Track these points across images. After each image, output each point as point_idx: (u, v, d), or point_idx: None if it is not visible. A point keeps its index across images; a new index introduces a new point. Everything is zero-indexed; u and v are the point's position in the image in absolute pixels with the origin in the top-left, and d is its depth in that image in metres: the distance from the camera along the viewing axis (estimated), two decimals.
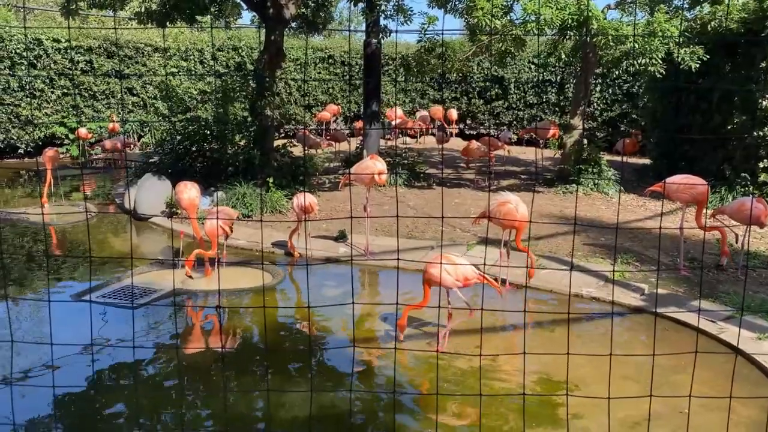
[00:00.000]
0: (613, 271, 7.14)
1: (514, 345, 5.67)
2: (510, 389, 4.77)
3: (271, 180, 10.21)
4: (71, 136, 16.19)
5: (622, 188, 11.26)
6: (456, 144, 16.64)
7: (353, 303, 2.86)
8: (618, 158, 14.05)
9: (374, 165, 7.68)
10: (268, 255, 8.16)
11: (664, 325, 5.98)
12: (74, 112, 16.70)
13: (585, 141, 11.98)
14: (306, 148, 13.11)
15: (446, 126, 17.04)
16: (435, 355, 5.26)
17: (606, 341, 5.71)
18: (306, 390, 4.63)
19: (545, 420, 4.37)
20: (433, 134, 17.39)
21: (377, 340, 5.81)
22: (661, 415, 4.39)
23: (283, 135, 18.04)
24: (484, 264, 4.69)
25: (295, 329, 6.08)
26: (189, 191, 7.40)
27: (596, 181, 11.14)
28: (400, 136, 17.30)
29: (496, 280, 7.00)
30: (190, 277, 6.78)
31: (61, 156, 15.55)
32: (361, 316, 6.39)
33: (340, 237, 8.52)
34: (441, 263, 5.12)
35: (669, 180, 7.22)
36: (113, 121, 15.72)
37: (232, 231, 7.13)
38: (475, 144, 11.94)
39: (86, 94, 16.91)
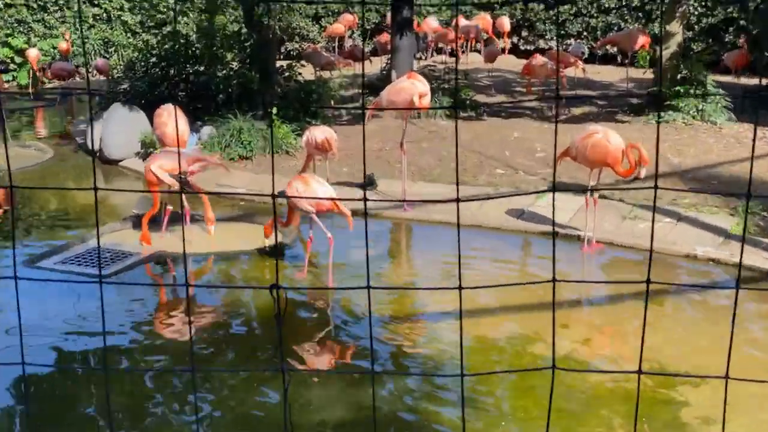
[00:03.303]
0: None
1: (608, 324, 5.29)
2: (613, 384, 4.39)
3: (274, 111, 9.79)
4: (18, 60, 15.82)
5: (732, 115, 10.62)
6: (508, 62, 15.98)
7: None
8: (724, 78, 13.30)
9: (413, 86, 7.19)
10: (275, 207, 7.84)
11: None
12: (20, 29, 16.27)
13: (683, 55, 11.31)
14: (317, 69, 12.59)
15: (496, 40, 16.33)
16: (502, 340, 4.90)
17: (738, 318, 5.28)
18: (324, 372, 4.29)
19: (665, 424, 4.00)
20: (478, 51, 16.70)
21: (420, 315, 5.49)
22: None
23: (284, 56, 17.47)
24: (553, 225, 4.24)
25: (310, 303, 5.76)
26: (174, 122, 6.97)
27: (700, 106, 10.50)
28: (437, 53, 16.69)
29: (580, 238, 6.58)
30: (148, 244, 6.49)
31: (6, 84, 15.25)
32: (394, 284, 6.07)
33: (368, 183, 8.13)
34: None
35: None
36: (66, 39, 15.29)
37: (184, 183, 6.55)
38: (540, 60, 11.32)
39: (34, 5, 16.44)
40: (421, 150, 9.43)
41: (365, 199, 1.36)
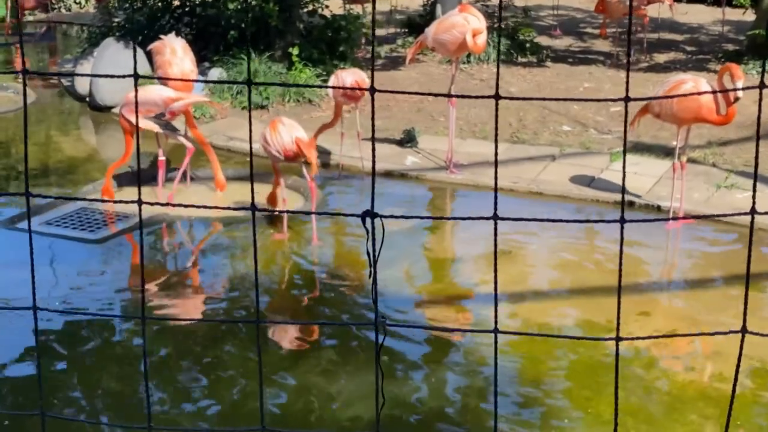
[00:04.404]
0: None
1: (698, 313, 5.20)
2: (705, 385, 4.33)
3: (295, 51, 9.75)
4: None
5: None
6: None
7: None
8: None
9: (465, 21, 7.07)
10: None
11: None
12: None
13: None
14: (347, 2, 12.48)
15: None
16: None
17: None
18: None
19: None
20: None
21: (466, 297, 5.49)
22: None
23: None
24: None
25: (334, 280, 5.77)
26: (180, 60, 6.94)
27: None
28: None
29: (661, 209, 6.48)
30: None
31: None
32: (436, 261, 6.06)
33: (407, 140, 8.10)
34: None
35: None
36: None
37: (165, 126, 6.66)
38: None
39: None
40: (471, 101, 9.32)
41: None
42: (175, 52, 6.99)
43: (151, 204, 1.43)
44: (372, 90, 1.33)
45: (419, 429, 4.13)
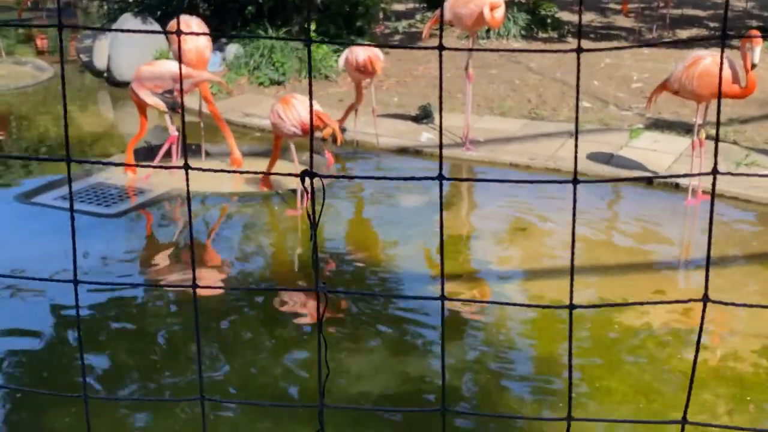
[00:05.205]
0: None
1: (714, 291, 5.11)
2: (719, 364, 4.29)
3: (313, 26, 9.69)
4: None
5: None
6: None
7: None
8: None
9: None
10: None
11: None
12: None
13: None
14: None
15: None
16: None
17: None
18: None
19: None
20: None
21: (482, 274, 5.46)
22: None
23: None
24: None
25: (347, 257, 5.77)
26: (195, 38, 6.92)
27: None
28: None
29: (679, 186, 6.40)
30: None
31: None
32: (452, 237, 6.03)
33: (423, 116, 8.05)
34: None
35: None
36: None
37: (171, 104, 6.69)
38: None
39: None
40: (489, 77, 9.26)
41: None
42: (190, 28, 6.97)
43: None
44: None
45: (432, 404, 4.12)
